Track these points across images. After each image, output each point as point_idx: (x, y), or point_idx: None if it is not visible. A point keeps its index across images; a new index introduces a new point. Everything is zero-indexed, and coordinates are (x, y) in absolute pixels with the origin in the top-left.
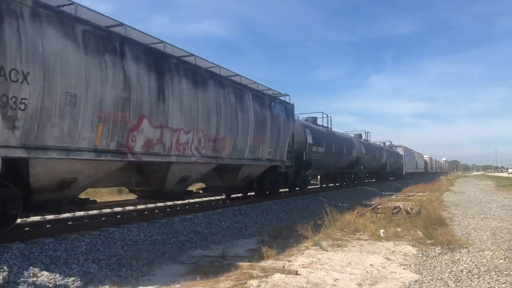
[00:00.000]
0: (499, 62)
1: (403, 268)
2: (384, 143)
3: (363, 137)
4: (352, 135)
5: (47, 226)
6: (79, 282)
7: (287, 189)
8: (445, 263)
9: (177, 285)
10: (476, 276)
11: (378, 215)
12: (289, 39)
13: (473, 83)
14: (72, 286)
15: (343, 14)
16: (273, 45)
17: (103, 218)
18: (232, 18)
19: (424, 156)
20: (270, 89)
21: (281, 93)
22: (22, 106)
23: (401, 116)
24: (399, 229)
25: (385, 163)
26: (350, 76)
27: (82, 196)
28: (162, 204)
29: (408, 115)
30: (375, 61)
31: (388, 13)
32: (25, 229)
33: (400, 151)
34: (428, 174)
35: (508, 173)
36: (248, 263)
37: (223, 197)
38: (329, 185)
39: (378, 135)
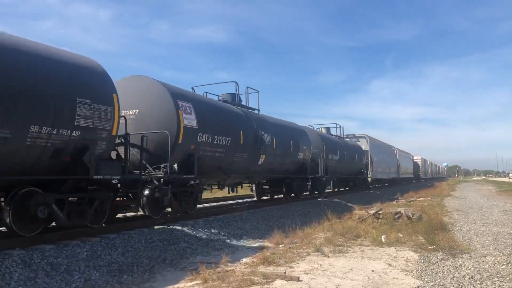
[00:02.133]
0: (500, 66)
1: (405, 274)
2: (327, 129)
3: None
4: (219, 100)
5: (47, 233)
6: None
7: None
8: (447, 269)
9: None
10: (478, 282)
11: (380, 220)
12: (290, 45)
13: (473, 88)
14: None
15: (343, 19)
16: (274, 50)
17: (103, 224)
18: (232, 23)
19: (415, 158)
20: None
21: None
22: None
23: (402, 121)
24: (400, 235)
25: (307, 163)
26: (350, 81)
27: None
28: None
29: (409, 120)
30: (375, 66)
31: (388, 18)
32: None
33: (364, 144)
34: (420, 181)
35: (509, 178)
36: (249, 270)
37: (224, 203)
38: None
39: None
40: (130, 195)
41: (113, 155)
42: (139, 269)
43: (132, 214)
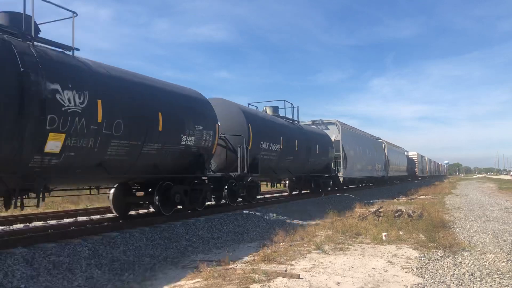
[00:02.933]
0: (500, 64)
1: (406, 272)
2: (274, 108)
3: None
4: None
5: (49, 231)
6: None
7: None
8: (447, 266)
9: None
10: (478, 279)
11: (380, 218)
12: (290, 43)
13: (474, 86)
14: None
15: (344, 18)
16: (274, 49)
17: (105, 223)
18: (233, 22)
19: (410, 153)
20: None
21: None
22: None
23: (403, 119)
24: (401, 233)
25: (205, 154)
26: (351, 80)
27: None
28: None
29: (409, 118)
30: (376, 64)
31: (389, 16)
32: (27, 234)
33: (334, 133)
34: (415, 180)
35: (511, 175)
36: (250, 267)
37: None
38: None
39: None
40: None
41: None
42: (141, 267)
43: (133, 213)
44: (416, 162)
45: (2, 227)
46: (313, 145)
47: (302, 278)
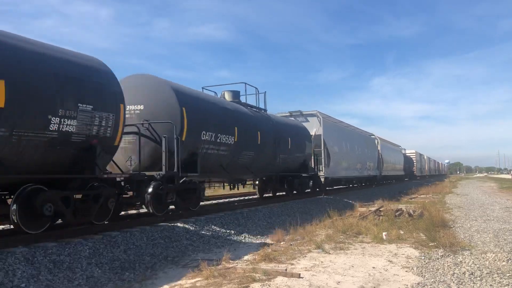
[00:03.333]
0: (501, 63)
1: (406, 271)
2: (234, 93)
3: None
4: None
5: (50, 230)
6: None
7: None
8: (448, 266)
9: None
10: (478, 278)
11: (381, 217)
12: (291, 43)
13: (475, 85)
14: None
15: (344, 17)
16: (275, 48)
17: (105, 222)
18: (233, 21)
19: (408, 152)
20: None
21: None
22: None
23: (403, 118)
24: (401, 232)
25: (82, 152)
26: (351, 79)
27: None
28: None
29: (410, 117)
30: (376, 63)
31: (389, 15)
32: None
33: (314, 125)
34: (413, 180)
35: (511, 175)
36: (250, 266)
37: (226, 200)
38: None
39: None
40: None
41: None
42: (141, 266)
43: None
44: (415, 161)
45: (2, 226)
46: (284, 138)
47: (302, 277)
